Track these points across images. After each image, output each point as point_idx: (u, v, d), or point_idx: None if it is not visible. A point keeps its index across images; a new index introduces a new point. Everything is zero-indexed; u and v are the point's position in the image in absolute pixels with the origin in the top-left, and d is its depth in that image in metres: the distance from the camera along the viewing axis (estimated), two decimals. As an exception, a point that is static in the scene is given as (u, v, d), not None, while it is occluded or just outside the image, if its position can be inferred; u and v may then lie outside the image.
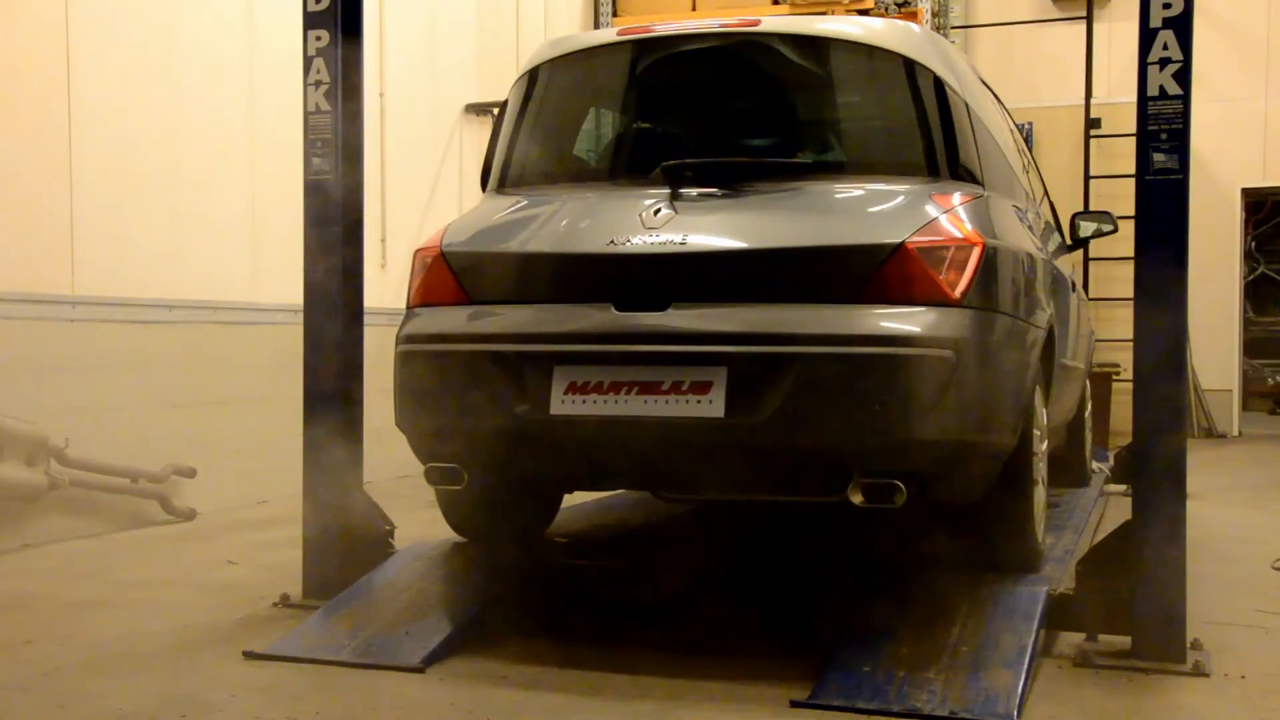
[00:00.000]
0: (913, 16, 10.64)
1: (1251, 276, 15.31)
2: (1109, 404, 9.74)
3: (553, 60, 4.26)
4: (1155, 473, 3.46)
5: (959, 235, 3.48)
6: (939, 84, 3.82)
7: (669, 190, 3.73)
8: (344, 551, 4.17)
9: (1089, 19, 11.37)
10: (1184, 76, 3.42)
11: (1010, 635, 3.34)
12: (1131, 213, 3.56)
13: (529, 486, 4.44)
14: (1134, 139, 3.50)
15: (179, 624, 3.99)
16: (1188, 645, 3.45)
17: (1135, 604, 3.46)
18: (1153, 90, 3.44)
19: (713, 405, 3.43)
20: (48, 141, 5.64)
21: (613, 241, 3.61)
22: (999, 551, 3.84)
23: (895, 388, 3.35)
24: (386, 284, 7.47)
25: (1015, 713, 3.00)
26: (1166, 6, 3.42)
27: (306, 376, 4.26)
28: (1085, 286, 10.06)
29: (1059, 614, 3.60)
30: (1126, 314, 3.84)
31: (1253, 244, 15.30)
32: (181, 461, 6.10)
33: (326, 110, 4.21)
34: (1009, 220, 3.94)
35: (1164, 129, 3.43)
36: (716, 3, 10.84)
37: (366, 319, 4.40)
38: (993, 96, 4.76)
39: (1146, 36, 3.44)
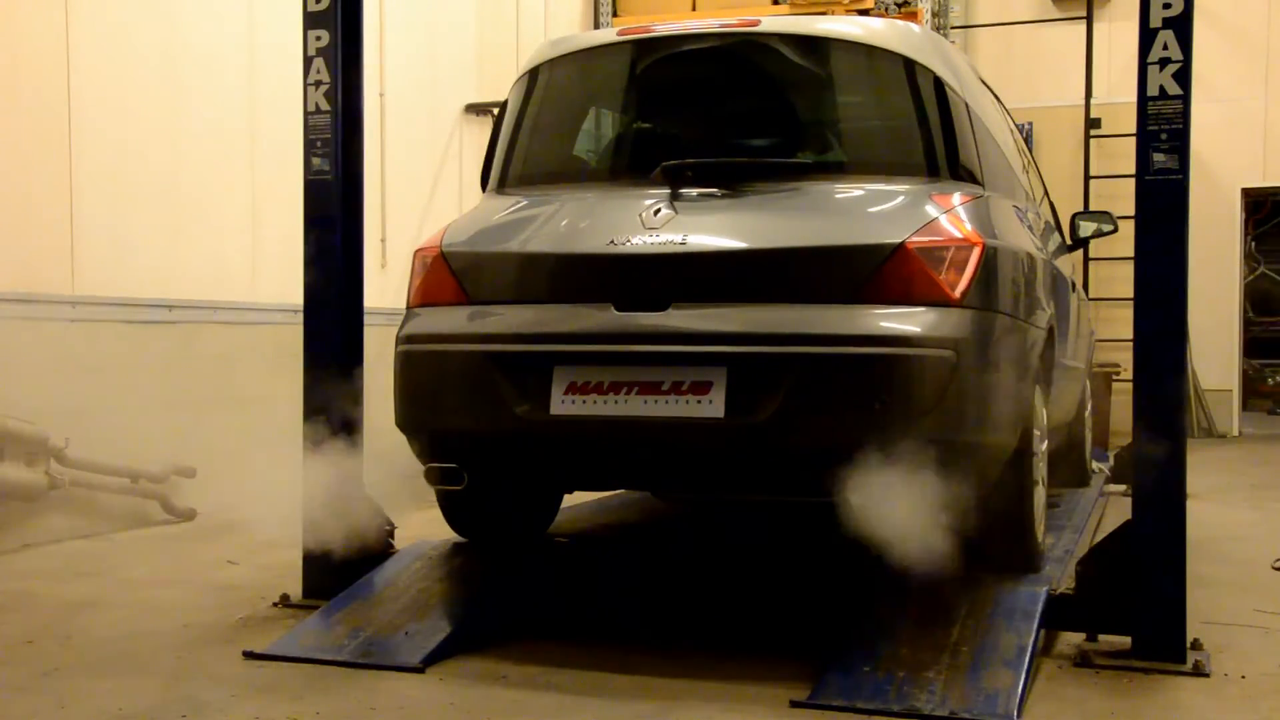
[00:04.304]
0: (913, 16, 10.64)
1: (1251, 276, 15.28)
2: (1109, 404, 9.74)
3: (553, 60, 4.26)
4: (1155, 473, 3.46)
5: (959, 235, 3.48)
6: (939, 84, 3.82)
7: (669, 190, 3.73)
8: (344, 551, 4.16)
9: (1089, 19, 11.37)
10: (1184, 76, 3.42)
11: (1010, 635, 3.34)
12: (1131, 213, 3.56)
13: (529, 486, 4.44)
14: (1134, 139, 3.50)
15: (179, 624, 3.99)
16: (1188, 645, 3.45)
17: (1135, 604, 3.46)
18: (1153, 90, 3.44)
19: (713, 405, 3.43)
20: (48, 141, 5.64)
21: (613, 241, 3.61)
22: (999, 551, 3.84)
23: (895, 388, 3.36)
24: (386, 284, 7.47)
25: (1015, 713, 3.00)
26: (1166, 6, 3.42)
27: (306, 376, 4.26)
28: (1085, 286, 10.06)
29: (1059, 614, 3.59)
30: (1126, 314, 3.83)
31: (1253, 244, 15.27)
32: (181, 461, 6.09)
33: (326, 110, 4.21)
34: (1009, 220, 3.94)
35: (1164, 129, 3.43)
36: (716, 3, 10.84)
37: (366, 319, 4.40)
38: (993, 96, 4.76)
39: (1146, 36, 3.44)
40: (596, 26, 10.92)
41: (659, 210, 3.64)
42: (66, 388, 5.59)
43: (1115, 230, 5.87)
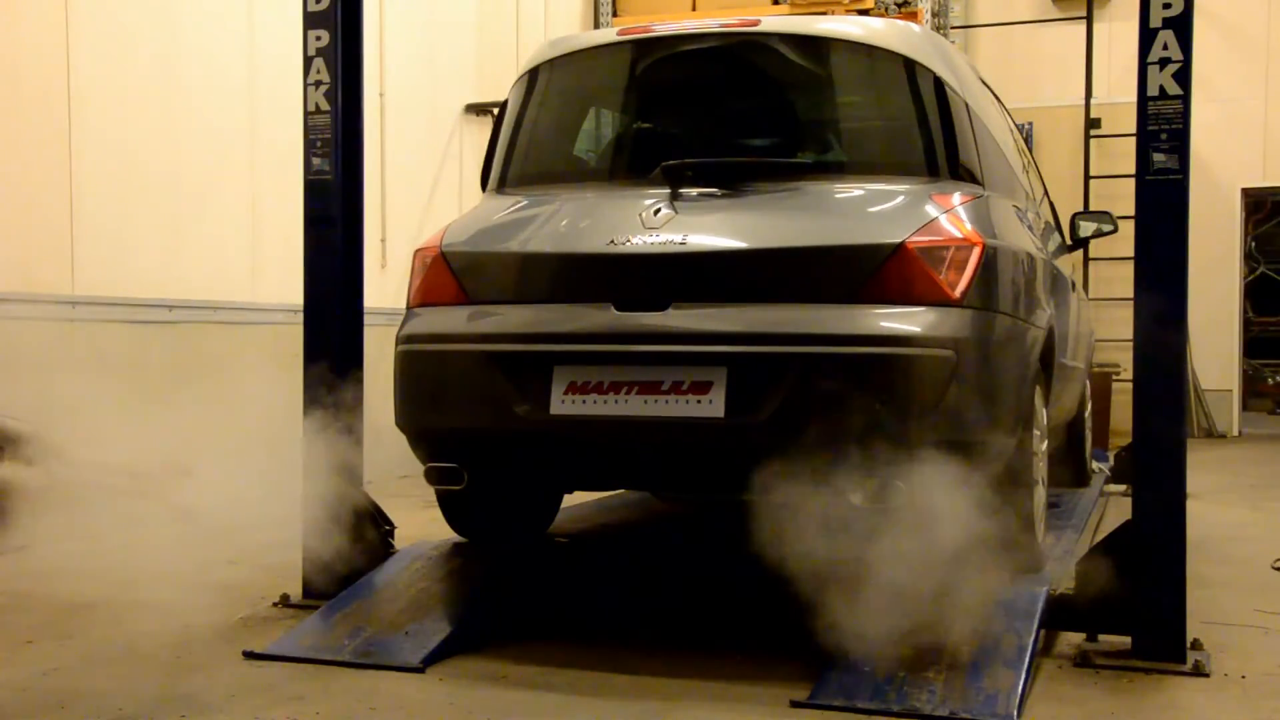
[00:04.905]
0: (913, 16, 10.64)
1: (1251, 276, 15.28)
2: (1109, 404, 9.74)
3: (553, 60, 4.26)
4: (1155, 473, 3.46)
5: (959, 235, 3.48)
6: (939, 84, 3.82)
7: (669, 190, 3.73)
8: (344, 551, 4.17)
9: (1089, 19, 11.37)
10: (1184, 76, 3.42)
11: (1010, 635, 3.34)
12: (1131, 213, 3.56)
13: (529, 486, 4.44)
14: (1134, 139, 3.50)
15: (179, 624, 3.98)
16: (1188, 645, 3.45)
17: (1135, 604, 3.46)
18: (1153, 90, 3.44)
19: (713, 405, 3.43)
20: (48, 141, 5.64)
21: (613, 241, 3.61)
22: (999, 551, 3.83)
23: (895, 387, 3.36)
24: (386, 284, 7.47)
25: (1015, 713, 3.00)
26: (1166, 6, 3.42)
27: (306, 376, 4.26)
28: (1085, 286, 10.06)
29: (1059, 614, 3.60)
30: (1126, 314, 3.83)
31: (1253, 244, 15.27)
32: (181, 461, 6.08)
33: (326, 110, 4.21)
34: (1009, 220, 3.94)
35: (1164, 129, 3.43)
36: (716, 3, 10.84)
37: (366, 319, 4.40)
38: (993, 96, 4.76)
39: (1146, 36, 3.44)
40: (596, 26, 10.92)
41: (659, 210, 3.64)
42: (66, 388, 5.59)
43: (1115, 230, 5.87)
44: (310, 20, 4.22)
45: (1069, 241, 5.79)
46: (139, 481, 5.92)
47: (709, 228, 3.62)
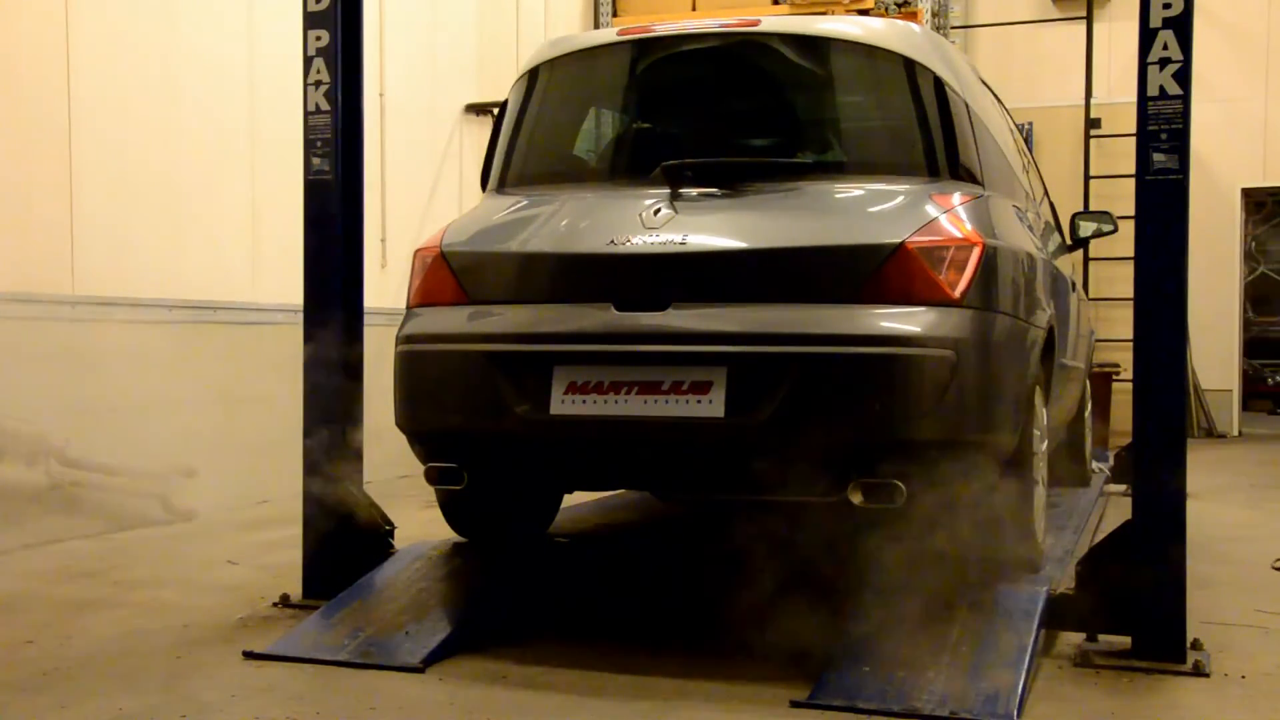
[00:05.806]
0: (913, 16, 10.64)
1: (1251, 276, 15.29)
2: (1109, 404, 9.74)
3: (553, 60, 4.26)
4: (1155, 473, 3.46)
5: (959, 235, 3.48)
6: (939, 84, 3.82)
7: (669, 190, 3.73)
8: (344, 551, 4.17)
9: (1089, 19, 11.38)
10: (1184, 76, 3.42)
11: (1010, 635, 3.34)
12: (1131, 213, 3.56)
13: (529, 486, 4.44)
14: (1134, 139, 3.50)
15: (179, 624, 3.99)
16: (1188, 645, 3.45)
17: (1135, 604, 3.46)
18: (1153, 90, 3.44)
19: (713, 405, 3.43)
20: (48, 141, 5.64)
21: (613, 241, 3.61)
22: (999, 551, 3.84)
23: (895, 387, 3.36)
24: (386, 284, 7.47)
25: (1015, 713, 3.00)
26: (1166, 6, 3.42)
27: (306, 376, 4.26)
28: (1085, 286, 10.06)
29: (1059, 614, 3.59)
30: (1126, 314, 3.84)
31: (1253, 244, 15.28)
32: (181, 461, 6.09)
33: (326, 110, 4.21)
34: (1009, 220, 3.94)
35: (1164, 129, 3.43)
36: (716, 3, 10.84)
37: (366, 319, 4.40)
38: (993, 96, 4.76)
39: (1146, 36, 3.44)
40: (596, 26, 10.92)
41: (659, 210, 3.64)
42: (66, 388, 5.59)
43: (1115, 230, 5.87)
44: (310, 20, 4.22)
45: (1069, 241, 5.79)
46: (139, 481, 5.93)
47: (709, 228, 3.62)
